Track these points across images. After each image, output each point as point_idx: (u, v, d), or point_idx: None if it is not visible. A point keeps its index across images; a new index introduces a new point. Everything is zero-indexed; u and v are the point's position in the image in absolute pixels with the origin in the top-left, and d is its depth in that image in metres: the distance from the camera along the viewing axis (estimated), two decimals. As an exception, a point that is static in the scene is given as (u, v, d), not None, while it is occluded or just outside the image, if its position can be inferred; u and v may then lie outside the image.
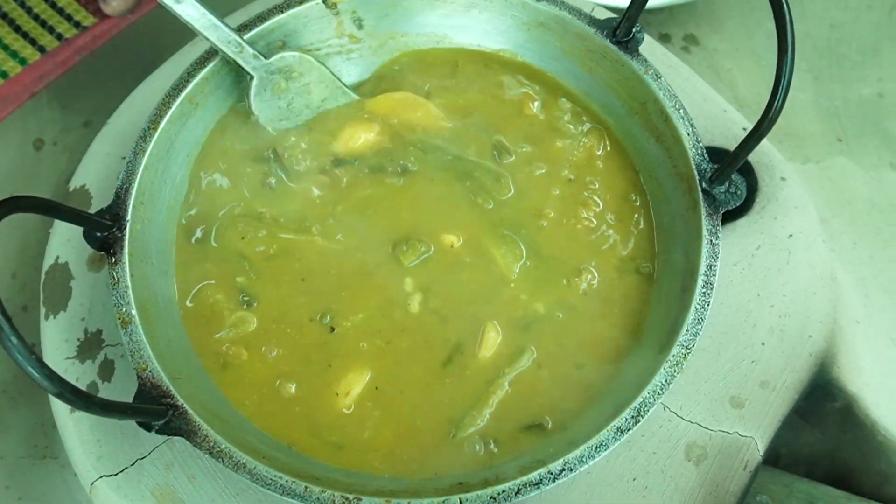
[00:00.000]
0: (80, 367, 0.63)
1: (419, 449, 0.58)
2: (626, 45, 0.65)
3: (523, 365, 0.60)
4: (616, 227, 0.65)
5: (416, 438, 0.59)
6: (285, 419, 0.59)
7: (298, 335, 0.62)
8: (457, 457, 0.58)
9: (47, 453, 0.72)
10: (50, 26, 0.87)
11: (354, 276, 0.63)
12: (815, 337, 0.64)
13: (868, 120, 0.86)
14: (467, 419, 0.59)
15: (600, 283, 0.64)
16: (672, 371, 0.55)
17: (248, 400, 0.60)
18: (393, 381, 0.60)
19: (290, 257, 0.64)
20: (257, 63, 0.64)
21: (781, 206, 0.67)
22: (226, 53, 0.62)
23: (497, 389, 0.60)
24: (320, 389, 0.60)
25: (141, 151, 0.61)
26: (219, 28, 0.61)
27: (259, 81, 0.65)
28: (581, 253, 0.65)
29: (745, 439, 0.60)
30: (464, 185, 0.66)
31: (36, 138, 0.84)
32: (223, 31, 0.62)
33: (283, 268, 0.64)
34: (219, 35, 0.62)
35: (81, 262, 0.67)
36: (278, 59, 0.65)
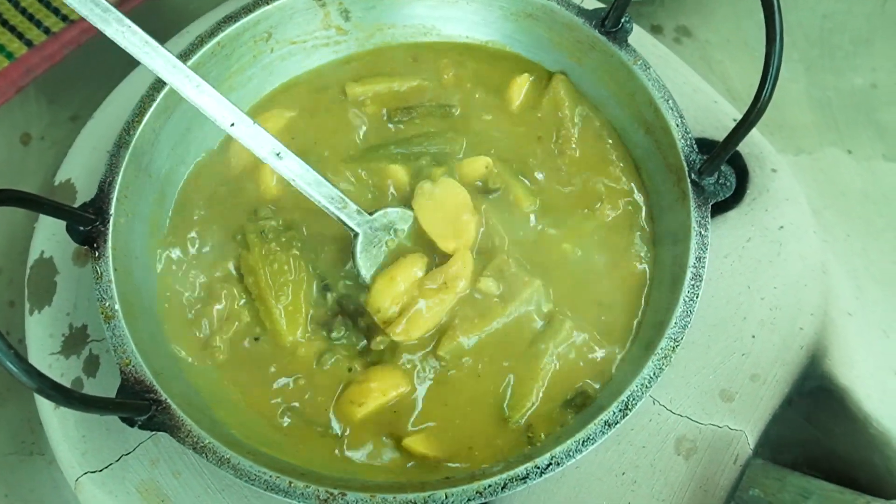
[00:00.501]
0: (64, 362, 0.63)
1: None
2: (614, 36, 0.65)
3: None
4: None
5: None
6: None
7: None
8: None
9: (34, 450, 0.71)
10: (37, 20, 0.87)
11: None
12: (807, 329, 0.63)
13: (861, 110, 0.85)
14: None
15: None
16: (660, 364, 0.54)
17: (234, 394, 0.59)
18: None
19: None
20: (361, 219, 0.60)
21: (772, 197, 0.67)
22: (329, 210, 0.58)
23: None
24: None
25: (124, 145, 0.61)
26: (322, 184, 0.58)
27: (364, 238, 0.60)
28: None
29: (736, 433, 0.60)
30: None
31: (23, 133, 0.83)
32: (326, 188, 0.58)
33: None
34: (321, 191, 0.58)
35: (66, 256, 0.67)
36: (381, 215, 0.61)
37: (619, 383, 0.57)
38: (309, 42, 0.70)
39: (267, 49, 0.68)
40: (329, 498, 0.51)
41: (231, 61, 0.67)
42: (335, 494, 0.51)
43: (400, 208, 0.62)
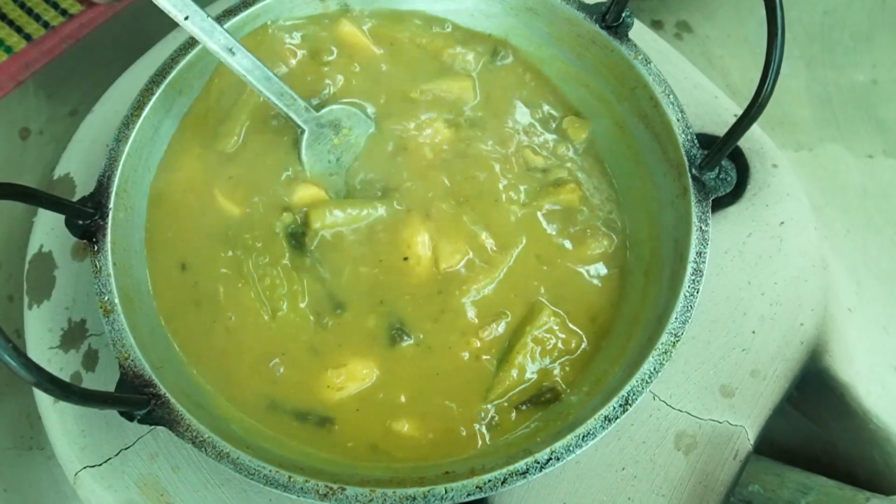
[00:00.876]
0: (63, 356, 0.63)
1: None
2: (615, 31, 0.65)
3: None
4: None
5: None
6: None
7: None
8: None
9: (33, 444, 0.71)
10: (36, 14, 0.87)
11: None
12: (807, 325, 0.63)
13: (861, 106, 0.85)
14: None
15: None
16: (661, 359, 0.54)
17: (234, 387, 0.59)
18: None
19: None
20: (308, 116, 0.62)
21: (773, 193, 0.67)
22: (278, 106, 0.61)
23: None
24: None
25: (124, 139, 0.61)
26: (271, 80, 0.60)
27: (310, 135, 0.63)
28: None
29: (736, 428, 0.60)
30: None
31: (22, 127, 0.83)
32: (275, 83, 0.60)
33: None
34: (271, 87, 0.60)
35: (65, 250, 0.66)
36: (327, 112, 0.64)
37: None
38: (308, 35, 0.70)
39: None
40: (329, 492, 0.50)
41: (231, 55, 0.66)
42: (335, 489, 0.51)
43: (346, 106, 0.65)
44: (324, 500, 0.50)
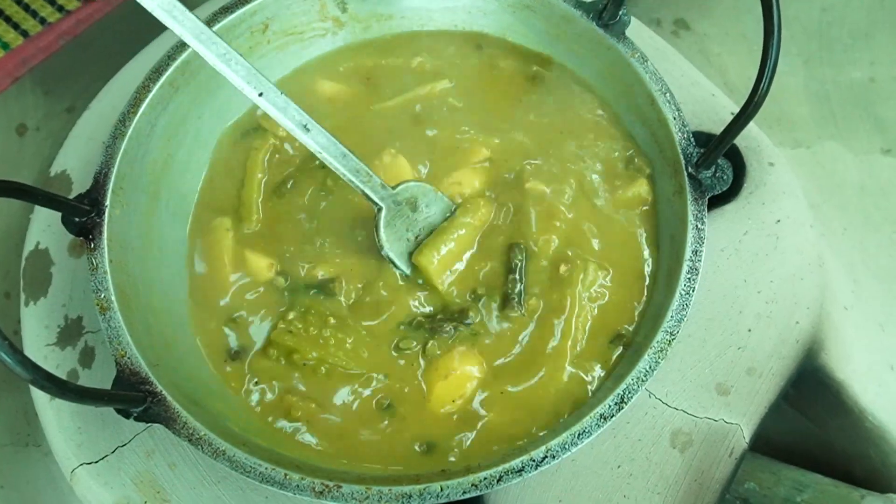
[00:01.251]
0: (60, 353, 0.63)
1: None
2: (612, 28, 0.64)
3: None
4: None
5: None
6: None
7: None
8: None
9: (30, 441, 0.71)
10: (33, 10, 0.87)
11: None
12: (803, 323, 0.63)
13: (859, 104, 0.85)
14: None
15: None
16: (656, 357, 0.54)
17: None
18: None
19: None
20: (385, 193, 0.59)
21: (769, 191, 0.67)
22: (354, 183, 0.58)
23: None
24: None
25: (120, 136, 0.61)
26: (347, 157, 0.57)
27: (387, 212, 0.60)
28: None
29: (731, 426, 0.60)
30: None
31: (19, 124, 0.83)
32: (351, 160, 0.57)
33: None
34: (347, 164, 0.57)
35: (62, 247, 0.66)
36: (403, 189, 0.60)
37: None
38: (306, 33, 0.69)
39: (264, 40, 0.68)
40: (324, 490, 0.51)
41: (227, 52, 0.66)
42: (330, 486, 0.51)
43: (422, 183, 0.62)
44: (319, 498, 0.51)
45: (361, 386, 0.60)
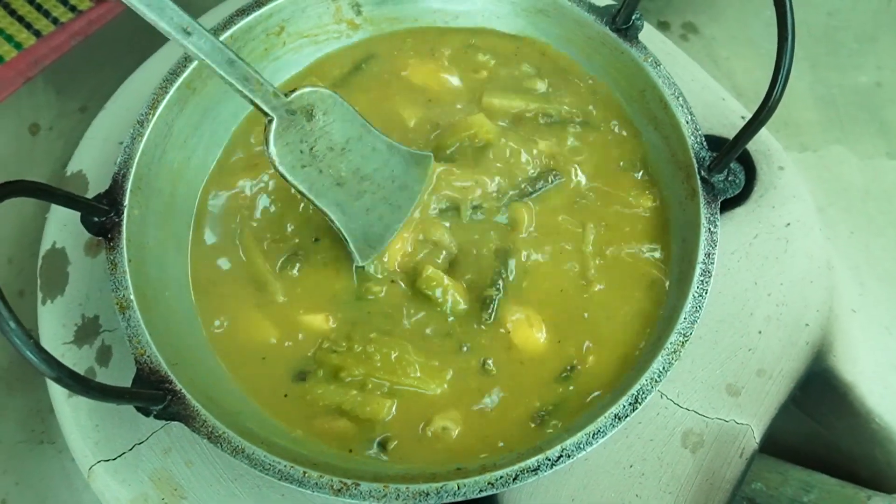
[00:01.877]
0: (77, 352, 0.63)
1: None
2: (625, 33, 0.65)
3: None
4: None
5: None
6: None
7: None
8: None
9: (44, 438, 0.72)
10: (45, 10, 0.87)
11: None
12: (812, 326, 0.64)
13: (865, 108, 0.86)
14: None
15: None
16: (670, 359, 0.55)
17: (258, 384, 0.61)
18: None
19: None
20: (277, 102, 0.54)
21: (779, 195, 0.67)
22: (242, 92, 0.53)
23: None
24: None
25: (138, 137, 0.61)
26: (235, 63, 0.52)
27: (279, 123, 0.55)
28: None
29: (742, 427, 0.61)
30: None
31: (31, 123, 0.83)
32: (240, 67, 0.52)
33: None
34: (234, 72, 0.52)
35: (79, 247, 0.67)
36: (298, 98, 0.55)
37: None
38: (321, 36, 0.70)
39: (279, 43, 0.69)
40: (343, 488, 0.51)
41: (243, 54, 0.66)
42: (349, 484, 0.51)
43: (320, 89, 0.57)
44: (337, 496, 0.51)
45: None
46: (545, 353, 0.61)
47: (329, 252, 0.64)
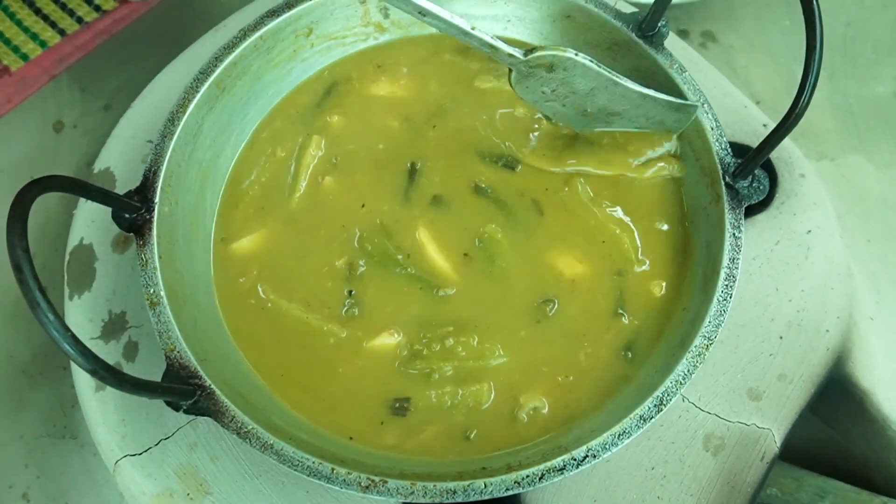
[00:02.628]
0: (104, 347, 0.64)
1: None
2: (651, 39, 0.66)
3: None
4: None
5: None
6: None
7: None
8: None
9: (66, 433, 0.72)
10: (70, 9, 0.88)
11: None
12: (832, 332, 0.65)
13: (882, 118, 0.87)
14: None
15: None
16: (694, 361, 0.55)
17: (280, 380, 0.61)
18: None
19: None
20: (514, 61, 0.59)
21: (800, 202, 0.68)
22: (486, 51, 0.58)
23: None
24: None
25: (169, 135, 0.62)
26: (470, 35, 0.56)
27: (517, 74, 0.60)
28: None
29: (763, 431, 0.61)
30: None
31: (56, 121, 0.84)
32: (475, 37, 0.56)
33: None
34: (471, 39, 0.57)
35: (106, 243, 0.68)
36: (536, 58, 0.59)
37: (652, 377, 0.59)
38: (349, 38, 0.71)
39: (307, 44, 0.69)
40: (370, 485, 0.52)
41: (272, 55, 0.68)
42: (376, 481, 0.52)
43: (558, 52, 0.59)
44: (365, 493, 0.52)
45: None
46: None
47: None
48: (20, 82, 0.84)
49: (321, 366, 0.61)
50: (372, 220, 0.65)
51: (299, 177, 0.67)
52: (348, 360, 0.61)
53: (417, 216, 0.66)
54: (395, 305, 0.63)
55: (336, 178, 0.67)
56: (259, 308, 0.63)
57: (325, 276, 0.63)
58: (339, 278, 0.63)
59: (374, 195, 0.66)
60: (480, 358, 0.61)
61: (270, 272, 0.64)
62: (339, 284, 0.63)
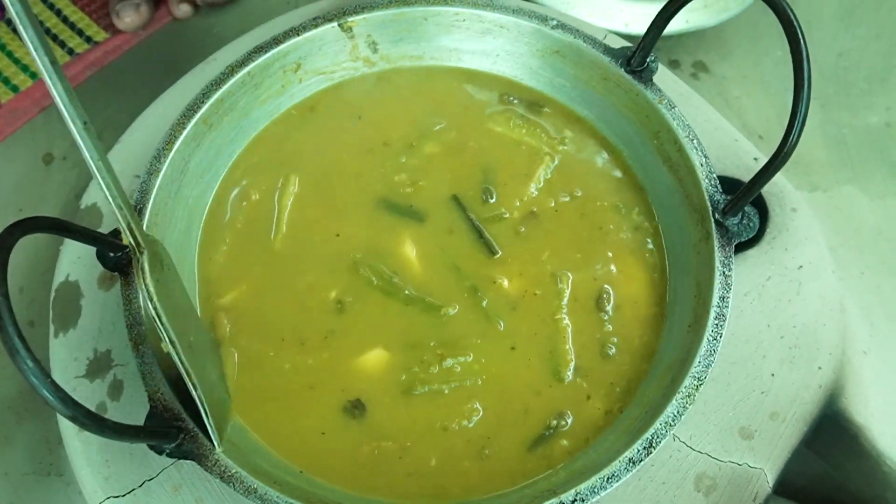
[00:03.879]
0: (89, 385, 0.63)
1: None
2: (640, 75, 0.66)
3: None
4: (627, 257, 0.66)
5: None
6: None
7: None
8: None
9: (52, 470, 0.71)
10: (61, 41, 0.88)
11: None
12: (825, 368, 0.64)
13: (875, 148, 0.86)
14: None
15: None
16: (684, 402, 0.55)
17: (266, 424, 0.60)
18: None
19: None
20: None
21: (792, 237, 0.68)
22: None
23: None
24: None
25: (155, 172, 0.61)
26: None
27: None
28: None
29: (755, 471, 0.60)
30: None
31: (45, 153, 0.84)
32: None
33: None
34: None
35: (92, 280, 0.67)
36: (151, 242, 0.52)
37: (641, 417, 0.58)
38: (337, 73, 0.71)
39: (296, 80, 0.69)
40: (355, 529, 0.51)
41: (260, 91, 0.67)
42: (362, 526, 0.51)
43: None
44: (350, 537, 0.51)
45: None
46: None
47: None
48: (10, 114, 0.84)
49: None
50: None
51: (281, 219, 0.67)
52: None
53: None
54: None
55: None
56: (245, 358, 0.62)
57: (310, 316, 0.63)
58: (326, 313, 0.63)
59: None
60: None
61: (252, 320, 0.64)
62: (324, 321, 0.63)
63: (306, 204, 0.67)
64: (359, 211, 0.67)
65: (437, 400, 0.60)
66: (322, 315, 0.63)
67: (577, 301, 0.63)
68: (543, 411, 0.60)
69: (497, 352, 0.62)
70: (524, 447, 0.59)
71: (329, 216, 0.66)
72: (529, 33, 0.69)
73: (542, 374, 0.61)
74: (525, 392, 0.60)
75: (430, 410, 0.60)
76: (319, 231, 0.66)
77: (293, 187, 0.67)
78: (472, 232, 0.65)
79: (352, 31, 0.68)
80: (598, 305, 0.63)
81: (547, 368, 0.61)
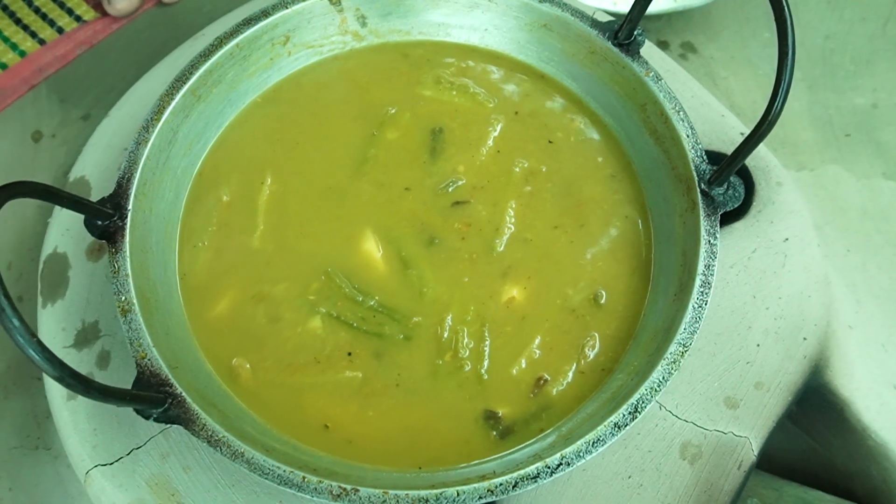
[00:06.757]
0: (77, 355, 0.63)
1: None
2: (627, 48, 0.66)
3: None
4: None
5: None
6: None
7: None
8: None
9: (39, 444, 0.71)
10: (50, 19, 0.88)
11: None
12: (810, 340, 0.64)
13: (861, 129, 0.87)
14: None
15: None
16: (669, 368, 0.55)
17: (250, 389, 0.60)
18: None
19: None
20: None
21: (778, 210, 0.68)
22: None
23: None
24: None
25: (143, 142, 0.61)
26: None
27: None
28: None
29: (740, 439, 0.61)
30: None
31: (34, 130, 0.84)
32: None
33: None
34: None
35: (80, 251, 0.67)
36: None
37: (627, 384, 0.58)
38: (325, 46, 0.71)
39: (284, 52, 0.69)
40: (342, 493, 0.51)
41: (248, 63, 0.67)
42: (348, 490, 0.51)
43: None
44: (336, 501, 0.51)
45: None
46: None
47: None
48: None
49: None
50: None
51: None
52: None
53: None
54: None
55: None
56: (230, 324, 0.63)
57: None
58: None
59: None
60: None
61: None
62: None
63: (289, 189, 0.68)
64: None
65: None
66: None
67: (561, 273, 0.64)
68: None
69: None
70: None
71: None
72: (518, 7, 0.69)
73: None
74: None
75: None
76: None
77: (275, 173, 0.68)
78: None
79: (340, 4, 0.69)
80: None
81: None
